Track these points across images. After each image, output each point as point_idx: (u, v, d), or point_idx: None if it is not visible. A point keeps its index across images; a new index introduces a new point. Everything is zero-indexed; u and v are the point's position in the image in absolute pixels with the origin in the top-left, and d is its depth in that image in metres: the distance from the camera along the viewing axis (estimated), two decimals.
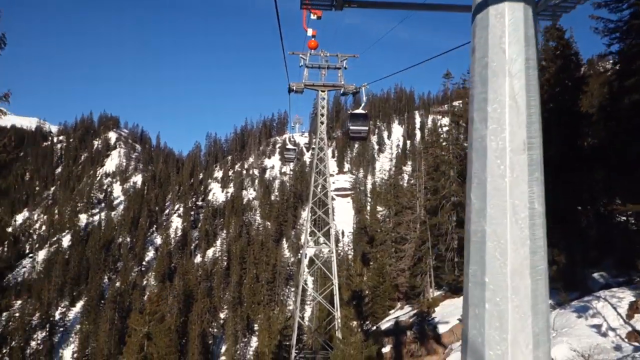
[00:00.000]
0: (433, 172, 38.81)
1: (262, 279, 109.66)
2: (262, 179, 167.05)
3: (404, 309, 35.43)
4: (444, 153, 32.30)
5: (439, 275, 31.55)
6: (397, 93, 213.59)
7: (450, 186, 31.08)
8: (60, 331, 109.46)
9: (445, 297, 30.41)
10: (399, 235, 38.74)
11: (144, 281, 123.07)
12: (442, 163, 32.89)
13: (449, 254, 30.37)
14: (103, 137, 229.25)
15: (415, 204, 36.56)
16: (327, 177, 30.90)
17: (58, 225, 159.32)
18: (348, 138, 23.97)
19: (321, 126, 30.04)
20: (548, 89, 22.24)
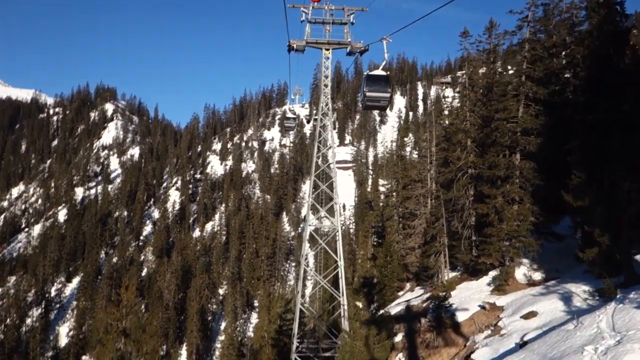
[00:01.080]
0: (444, 142, 35.79)
1: (261, 253, 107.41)
2: (261, 151, 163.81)
3: (414, 291, 32.73)
4: (458, 121, 29.15)
5: (453, 255, 28.80)
6: (399, 63, 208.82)
7: (467, 157, 28.07)
8: (56, 308, 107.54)
9: (462, 280, 27.70)
10: (407, 211, 35.89)
11: (141, 256, 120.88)
12: (455, 132, 29.75)
13: (466, 231, 27.55)
14: (100, 108, 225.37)
15: (426, 176, 33.59)
16: (332, 148, 27.82)
17: (54, 199, 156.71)
18: (363, 107, 19.53)
19: (325, 89, 26.83)
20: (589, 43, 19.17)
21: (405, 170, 39.87)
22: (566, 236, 26.56)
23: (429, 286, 29.28)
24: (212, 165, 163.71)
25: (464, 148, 28.18)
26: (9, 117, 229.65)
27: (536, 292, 21.50)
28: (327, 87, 26.60)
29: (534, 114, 24.01)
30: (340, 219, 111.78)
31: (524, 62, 24.73)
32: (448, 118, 35.57)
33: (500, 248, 23.64)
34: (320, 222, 32.05)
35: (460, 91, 30.22)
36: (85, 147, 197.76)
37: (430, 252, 28.25)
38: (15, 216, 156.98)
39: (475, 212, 26.91)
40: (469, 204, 27.62)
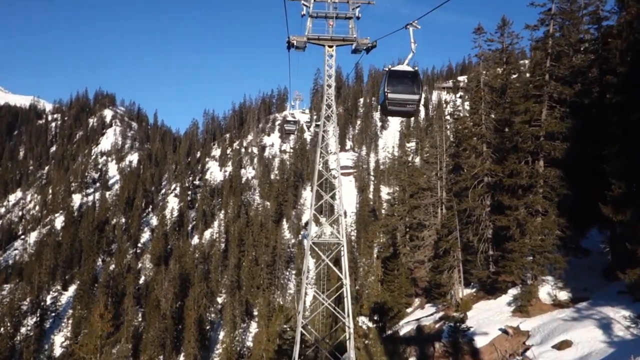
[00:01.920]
0: (454, 147, 33.57)
1: (261, 261, 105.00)
2: (261, 157, 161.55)
3: (424, 309, 30.36)
4: (471, 124, 26.87)
5: (468, 271, 26.49)
6: None
7: (483, 164, 25.81)
8: (51, 316, 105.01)
9: (478, 298, 25.35)
10: (416, 221, 33.59)
11: (138, 264, 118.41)
12: (469, 137, 27.49)
13: (482, 245, 25.27)
14: (98, 114, 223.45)
15: (436, 184, 31.30)
16: (337, 155, 25.53)
17: (51, 205, 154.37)
18: (384, 112, 15.33)
19: (328, 90, 24.56)
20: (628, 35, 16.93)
21: (413, 177, 37.53)
22: (592, 250, 24.25)
23: (441, 304, 26.95)
24: (212, 171, 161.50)
25: (479, 154, 25.96)
26: (7, 124, 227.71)
27: (567, 316, 19.20)
28: (331, 87, 24.32)
29: (559, 117, 21.77)
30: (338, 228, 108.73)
31: (547, 60, 22.49)
32: (458, 122, 33.29)
33: (523, 265, 21.32)
34: (324, 236, 29.42)
35: (472, 93, 27.94)
36: (83, 153, 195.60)
37: (443, 267, 25.91)
38: (12, 223, 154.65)
39: (492, 224, 24.66)
40: (486, 215, 25.38)
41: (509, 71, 29.84)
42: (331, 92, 24.28)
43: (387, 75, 14.58)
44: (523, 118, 22.56)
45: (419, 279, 31.91)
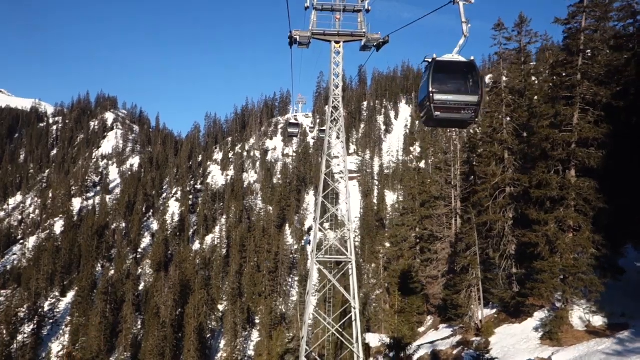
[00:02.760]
0: (468, 152, 31.30)
1: (263, 268, 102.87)
2: (263, 161, 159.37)
3: (439, 329, 28.00)
4: (491, 129, 24.55)
5: (488, 290, 24.19)
6: (404, 71, 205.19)
7: (505, 172, 23.53)
8: (49, 323, 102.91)
9: (500, 321, 23.00)
10: (427, 232, 31.26)
11: (138, 270, 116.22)
12: (488, 143, 25.18)
13: (504, 262, 22.95)
14: (100, 117, 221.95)
15: (449, 193, 29.00)
16: (345, 164, 23.26)
17: (51, 209, 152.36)
18: (428, 122, 11.17)
19: (335, 90, 22.33)
20: None
21: (423, 185, 35.19)
22: (628, 269, 21.88)
23: (458, 327, 24.60)
24: (213, 175, 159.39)
25: (500, 161, 23.67)
26: (8, 127, 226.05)
27: (608, 349, 16.85)
28: (338, 88, 22.07)
29: (593, 121, 19.47)
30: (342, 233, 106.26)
31: (578, 57, 20.19)
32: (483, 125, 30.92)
33: (554, 287, 19.00)
34: (329, 252, 26.95)
35: (492, 95, 25.61)
36: (84, 156, 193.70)
37: (461, 287, 23.57)
38: (11, 227, 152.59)
39: (516, 239, 22.38)
40: (508, 229, 23.10)
41: (528, 72, 27.47)
42: (338, 93, 22.05)
43: (432, 69, 10.32)
44: (552, 122, 20.25)
45: (432, 295, 29.59)
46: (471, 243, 23.84)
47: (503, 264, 23.10)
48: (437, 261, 28.85)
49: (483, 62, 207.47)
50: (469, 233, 23.89)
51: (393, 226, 45.89)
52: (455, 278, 24.64)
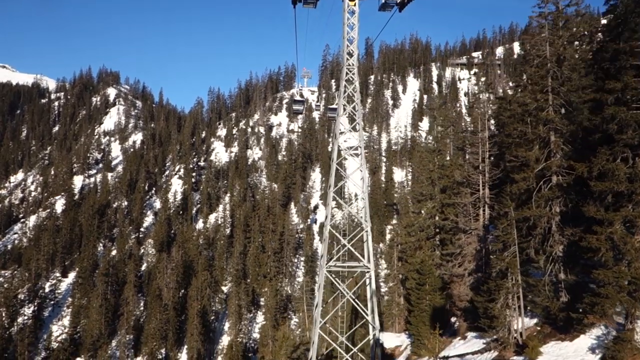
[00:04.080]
0: (497, 133, 27.55)
1: (268, 248, 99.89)
2: (268, 138, 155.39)
3: (467, 339, 24.52)
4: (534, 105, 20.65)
5: (528, 297, 20.70)
6: (412, 44, 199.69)
7: (553, 158, 19.81)
8: (50, 305, 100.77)
9: (546, 336, 19.45)
10: (450, 222, 27.65)
11: (141, 249, 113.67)
12: (530, 123, 21.33)
13: (550, 266, 19.39)
14: (102, 93, 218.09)
15: (477, 179, 25.29)
16: (360, 135, 19.53)
17: (52, 187, 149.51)
18: None
19: (348, 59, 18.46)
20: None
21: (444, 168, 31.38)
22: None
23: (492, 339, 21.09)
24: (217, 152, 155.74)
25: (544, 145, 19.93)
26: (10, 103, 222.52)
27: None
28: (353, 56, 18.20)
29: None
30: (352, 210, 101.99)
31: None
32: (503, 102, 27.09)
33: (621, 301, 15.43)
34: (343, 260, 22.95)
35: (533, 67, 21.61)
36: (86, 133, 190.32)
37: (498, 295, 19.96)
38: (12, 206, 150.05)
39: (565, 239, 18.78)
40: (556, 227, 19.49)
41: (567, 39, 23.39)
42: (353, 63, 18.23)
43: None
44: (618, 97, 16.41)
45: (458, 297, 26.14)
46: (509, 242, 20.24)
47: (549, 268, 19.53)
48: (463, 257, 25.32)
49: (493, 34, 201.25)
50: (506, 230, 20.25)
51: (407, 212, 42.07)
52: (489, 282, 21.10)
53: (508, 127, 27.29)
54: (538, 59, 21.18)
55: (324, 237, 20.30)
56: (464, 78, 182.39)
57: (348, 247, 20.04)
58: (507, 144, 27.71)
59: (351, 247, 20.49)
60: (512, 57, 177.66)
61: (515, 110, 27.54)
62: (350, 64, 18.48)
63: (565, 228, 19.09)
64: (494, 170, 25.14)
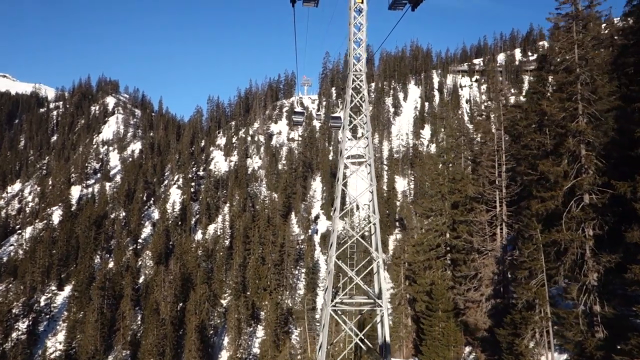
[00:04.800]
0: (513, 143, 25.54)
1: (268, 260, 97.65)
2: (268, 146, 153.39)
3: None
4: (562, 115, 18.51)
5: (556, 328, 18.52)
6: (412, 51, 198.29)
7: (585, 174, 17.71)
8: (45, 319, 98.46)
9: None
10: (462, 241, 25.47)
11: (138, 261, 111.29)
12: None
13: (584, 297, 17.23)
14: (101, 102, 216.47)
15: (493, 195, 23.15)
16: (370, 152, 17.44)
17: (50, 198, 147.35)
18: None
19: (356, 65, 16.35)
20: None
21: (455, 182, 29.19)
22: None
23: None
24: (216, 161, 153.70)
25: (575, 159, 17.83)
26: (8, 112, 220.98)
27: None
28: (360, 61, 16.14)
29: None
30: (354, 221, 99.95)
31: None
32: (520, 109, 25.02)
33: None
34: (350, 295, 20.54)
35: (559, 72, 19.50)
36: (84, 142, 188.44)
37: (524, 330, 17.75)
38: (9, 216, 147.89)
39: (602, 266, 16.65)
40: (590, 253, 17.37)
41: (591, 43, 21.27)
42: (360, 69, 16.12)
43: None
44: None
45: (474, 325, 23.90)
46: (536, 269, 18.08)
47: (582, 299, 17.37)
48: (479, 280, 23.15)
49: (494, 40, 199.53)
50: (532, 255, 18.10)
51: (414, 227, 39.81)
52: (512, 313, 18.93)
53: (525, 138, 25.28)
54: (566, 62, 19.07)
55: (329, 269, 18.09)
56: (465, 85, 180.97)
57: (357, 281, 17.78)
58: (524, 155, 25.64)
59: (360, 281, 18.24)
60: (513, 64, 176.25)
61: (532, 120, 25.48)
62: (358, 69, 16.41)
63: (600, 254, 17.00)
64: (512, 184, 23.02)
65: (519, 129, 26.46)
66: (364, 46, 15.91)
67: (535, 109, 26.64)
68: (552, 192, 18.09)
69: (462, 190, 27.86)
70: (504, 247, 22.73)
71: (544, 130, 25.30)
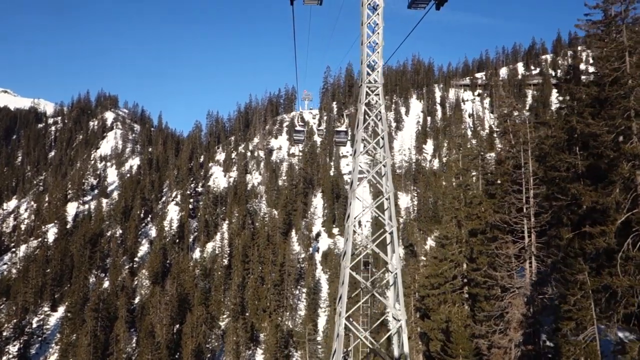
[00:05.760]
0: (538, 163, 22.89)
1: (268, 280, 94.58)
2: (268, 162, 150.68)
3: None
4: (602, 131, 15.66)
5: None
6: (414, 65, 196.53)
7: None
8: (38, 341, 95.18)
9: None
10: (481, 273, 22.56)
11: (134, 281, 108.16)
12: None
13: None
14: (100, 117, 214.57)
15: (522, 225, 20.31)
16: (389, 187, 14.75)
17: (46, 215, 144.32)
18: None
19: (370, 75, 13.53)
20: None
21: (472, 206, 26.31)
22: None
23: None
24: (215, 177, 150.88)
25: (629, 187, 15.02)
26: (6, 128, 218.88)
27: None
28: (376, 69, 13.32)
29: None
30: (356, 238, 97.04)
31: None
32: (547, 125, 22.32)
33: None
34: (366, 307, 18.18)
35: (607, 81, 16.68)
36: (82, 158, 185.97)
37: None
38: (3, 234, 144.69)
39: None
40: None
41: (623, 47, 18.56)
42: (376, 79, 13.34)
43: None
44: None
45: None
46: (585, 321, 15.16)
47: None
48: (506, 323, 20.24)
49: (496, 54, 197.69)
50: (580, 304, 15.17)
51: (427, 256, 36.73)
52: None
53: (551, 158, 22.49)
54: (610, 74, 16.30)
55: (343, 280, 15.72)
56: (467, 99, 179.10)
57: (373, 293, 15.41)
58: (550, 178, 22.86)
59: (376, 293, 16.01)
60: (516, 78, 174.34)
61: (561, 138, 22.75)
62: (372, 80, 13.61)
63: None
64: (541, 212, 20.23)
65: (545, 148, 23.72)
66: (381, 51, 13.18)
67: (563, 125, 23.86)
68: (603, 227, 15.29)
69: (481, 217, 25.06)
70: (534, 284, 19.86)
71: (574, 150, 22.57)
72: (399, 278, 16.85)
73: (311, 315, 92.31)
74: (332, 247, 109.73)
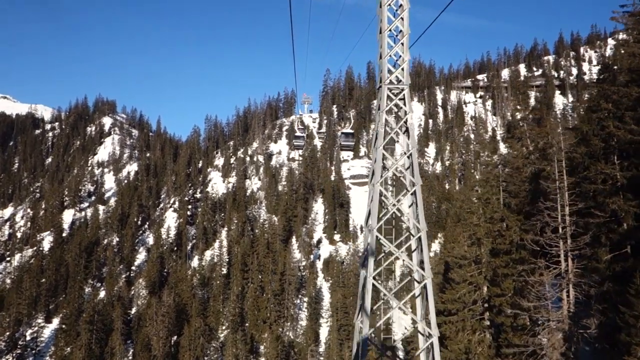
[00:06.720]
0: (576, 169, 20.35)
1: (268, 290, 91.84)
2: (267, 167, 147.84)
3: None
4: None
5: None
6: (415, 67, 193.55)
7: None
8: (31, 354, 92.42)
9: None
10: (506, 300, 19.78)
11: (131, 291, 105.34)
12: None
13: None
14: (97, 122, 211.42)
15: (558, 247, 17.51)
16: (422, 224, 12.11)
17: (42, 223, 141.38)
18: None
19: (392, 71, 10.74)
20: None
21: (493, 222, 23.51)
22: None
23: None
24: (214, 182, 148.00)
25: None
26: (2, 134, 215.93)
27: None
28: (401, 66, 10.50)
29: None
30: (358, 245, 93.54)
31: None
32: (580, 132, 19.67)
33: None
34: None
35: None
36: (79, 164, 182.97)
37: None
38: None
39: None
40: None
41: None
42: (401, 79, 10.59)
43: None
44: None
45: None
46: None
47: None
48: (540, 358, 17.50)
49: (498, 56, 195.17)
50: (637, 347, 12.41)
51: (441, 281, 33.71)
52: None
53: (587, 170, 19.83)
54: None
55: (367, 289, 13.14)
56: (469, 102, 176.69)
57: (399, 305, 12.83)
58: (586, 191, 20.16)
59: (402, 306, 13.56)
60: (518, 79, 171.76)
61: (597, 146, 20.11)
62: (394, 80, 10.85)
63: None
64: (579, 231, 17.53)
65: (577, 158, 20.99)
66: (406, 42, 10.46)
67: (598, 132, 21.13)
68: None
69: (505, 235, 22.34)
70: (572, 317, 17.10)
71: (612, 159, 19.85)
72: (429, 288, 15.33)
73: (313, 325, 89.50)
74: (333, 255, 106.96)
